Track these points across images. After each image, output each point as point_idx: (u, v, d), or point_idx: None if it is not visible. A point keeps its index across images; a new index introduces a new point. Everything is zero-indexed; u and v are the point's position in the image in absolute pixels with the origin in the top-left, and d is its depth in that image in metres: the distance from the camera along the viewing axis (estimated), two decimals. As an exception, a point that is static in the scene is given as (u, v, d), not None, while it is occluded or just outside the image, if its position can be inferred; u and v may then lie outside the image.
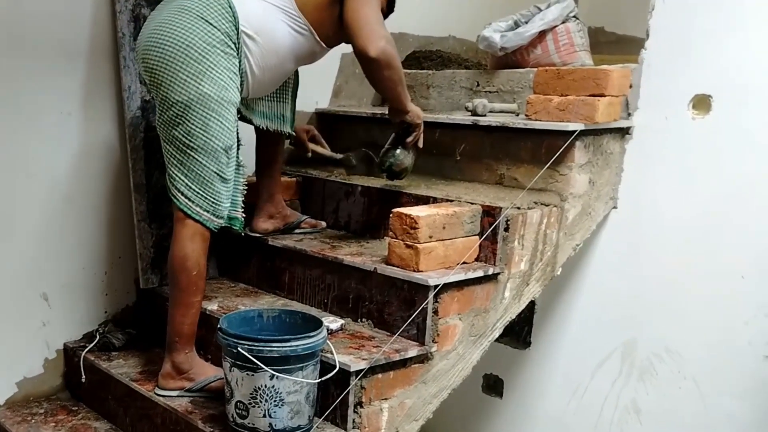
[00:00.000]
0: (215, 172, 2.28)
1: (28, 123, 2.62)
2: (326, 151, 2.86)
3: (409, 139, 2.58)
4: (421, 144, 2.63)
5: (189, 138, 2.24)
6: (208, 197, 2.29)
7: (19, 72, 2.56)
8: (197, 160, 2.26)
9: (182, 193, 2.28)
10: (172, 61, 2.22)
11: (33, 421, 2.59)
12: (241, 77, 2.32)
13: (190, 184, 2.28)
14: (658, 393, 2.80)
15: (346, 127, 3.37)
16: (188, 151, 2.26)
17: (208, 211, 2.30)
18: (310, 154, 2.81)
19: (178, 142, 2.27)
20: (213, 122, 2.24)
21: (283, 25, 2.34)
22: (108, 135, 2.81)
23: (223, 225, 2.38)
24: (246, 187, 2.47)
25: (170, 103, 2.24)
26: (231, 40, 2.25)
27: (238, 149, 2.37)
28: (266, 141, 2.75)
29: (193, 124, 2.23)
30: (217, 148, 2.26)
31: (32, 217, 2.69)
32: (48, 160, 2.69)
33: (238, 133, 2.36)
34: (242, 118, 2.54)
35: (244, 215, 2.48)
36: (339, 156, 2.81)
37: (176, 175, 2.29)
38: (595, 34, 4.01)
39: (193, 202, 2.28)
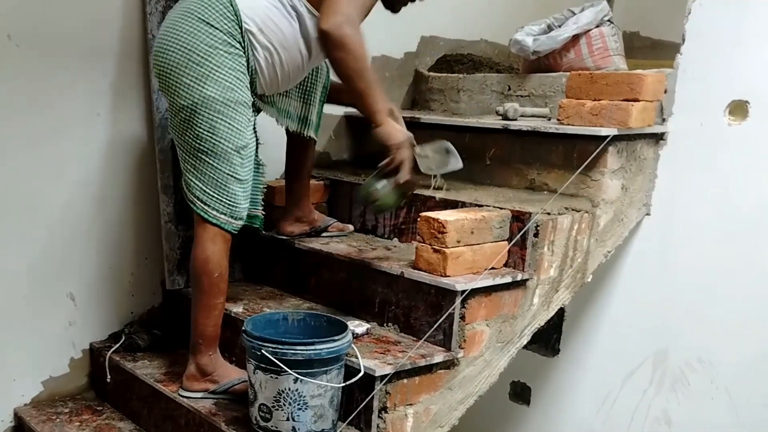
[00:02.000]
0: (229, 174, 2.29)
1: (58, 124, 2.67)
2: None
3: (381, 164, 2.29)
4: (402, 178, 2.25)
5: (198, 142, 2.27)
6: (224, 200, 2.30)
7: (50, 73, 2.61)
8: (209, 163, 2.28)
9: (198, 198, 2.30)
10: (176, 65, 2.25)
11: (58, 420, 2.63)
12: (251, 75, 2.32)
13: (204, 188, 2.29)
14: (690, 404, 2.77)
15: (375, 130, 3.38)
16: (199, 154, 2.28)
17: (225, 214, 2.31)
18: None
19: (189, 147, 2.29)
20: (220, 124, 2.25)
21: (285, 13, 2.31)
22: (136, 136, 2.85)
23: (244, 224, 2.39)
24: (266, 186, 2.48)
25: (178, 108, 2.28)
26: (235, 39, 2.25)
27: (256, 148, 2.38)
28: (295, 143, 2.76)
29: (200, 127, 2.25)
30: (227, 149, 2.27)
31: (60, 217, 2.73)
32: (77, 161, 2.73)
33: (255, 132, 2.37)
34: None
35: (264, 213, 2.50)
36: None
37: (191, 179, 2.31)
38: (630, 38, 3.98)
39: (209, 206, 2.29)
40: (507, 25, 3.66)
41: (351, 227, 2.93)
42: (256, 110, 2.43)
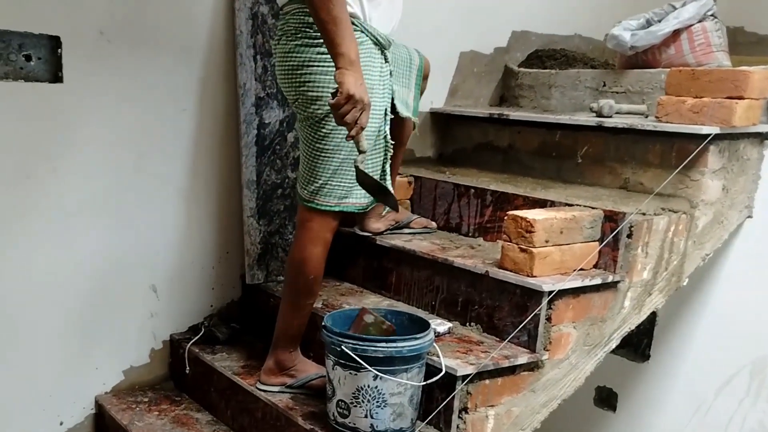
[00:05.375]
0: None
1: (146, 118, 2.76)
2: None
3: (330, 101, 2.01)
4: (352, 129, 2.02)
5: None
6: (345, 184, 2.30)
7: (139, 68, 2.71)
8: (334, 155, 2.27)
9: (314, 191, 2.30)
10: None
11: (137, 409, 2.72)
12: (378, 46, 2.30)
13: (329, 180, 2.28)
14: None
15: (460, 127, 3.40)
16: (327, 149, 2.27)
17: (347, 197, 2.31)
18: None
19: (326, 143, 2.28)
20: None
21: None
22: (221, 131, 2.93)
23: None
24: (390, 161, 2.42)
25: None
26: None
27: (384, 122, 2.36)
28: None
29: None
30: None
31: (145, 210, 2.83)
32: (162, 155, 2.82)
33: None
34: None
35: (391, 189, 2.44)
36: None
37: (315, 173, 2.30)
38: (734, 34, 3.88)
39: (330, 195, 2.29)
40: (602, 20, 3.64)
41: (434, 224, 2.95)
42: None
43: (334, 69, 2.08)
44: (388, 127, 2.37)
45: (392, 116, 2.46)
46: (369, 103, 2.03)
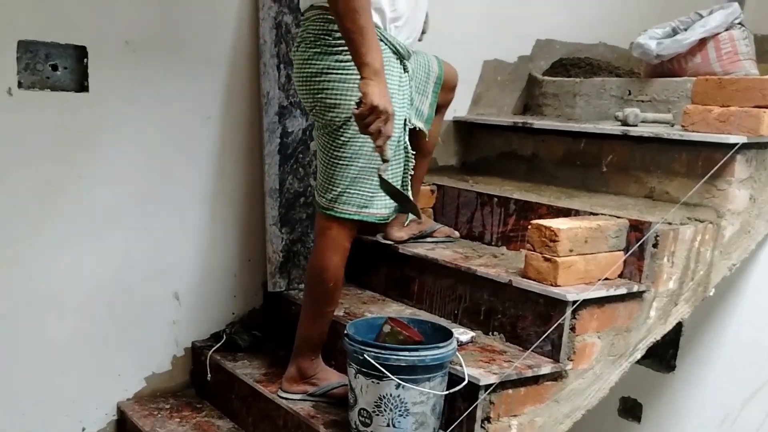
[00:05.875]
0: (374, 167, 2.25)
1: (170, 126, 2.79)
2: None
3: (354, 111, 2.02)
4: (378, 140, 2.02)
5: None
6: (364, 192, 2.29)
7: (165, 77, 2.74)
8: (355, 164, 2.27)
9: (338, 201, 2.29)
10: None
11: (159, 415, 2.74)
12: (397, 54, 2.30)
13: (349, 188, 2.28)
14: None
15: (484, 135, 3.40)
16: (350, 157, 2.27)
17: (367, 207, 2.30)
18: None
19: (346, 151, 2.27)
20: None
21: None
22: (244, 139, 2.95)
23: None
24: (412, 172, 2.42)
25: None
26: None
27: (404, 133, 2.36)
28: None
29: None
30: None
31: (169, 217, 2.85)
32: (186, 162, 2.85)
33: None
34: None
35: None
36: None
37: (331, 185, 2.30)
38: (761, 42, 3.84)
39: (351, 204, 2.28)
40: (627, 29, 3.63)
41: (457, 233, 2.94)
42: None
43: (352, 77, 2.10)
44: (407, 137, 2.36)
45: (412, 126, 2.46)
46: (393, 113, 2.03)
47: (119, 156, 2.70)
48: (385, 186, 2.11)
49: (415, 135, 2.56)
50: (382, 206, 2.32)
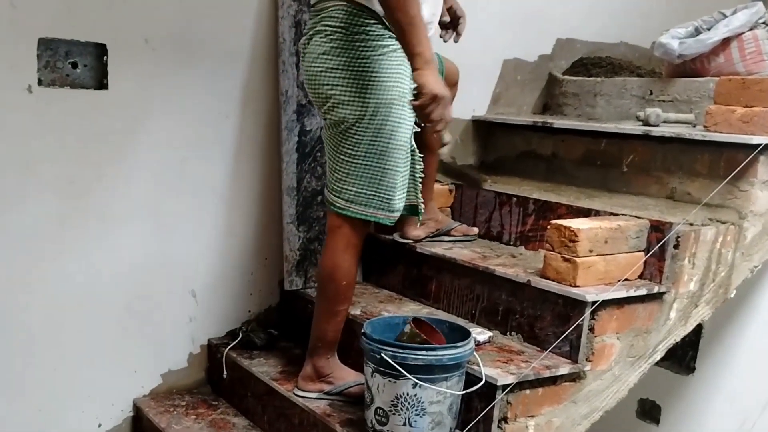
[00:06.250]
0: (392, 168, 2.26)
1: (189, 124, 2.80)
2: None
3: (414, 102, 2.08)
4: (439, 125, 2.11)
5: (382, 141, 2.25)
6: (382, 194, 2.28)
7: (184, 76, 2.75)
8: (371, 163, 2.26)
9: (351, 200, 2.29)
10: None
11: (175, 412, 2.75)
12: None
13: (361, 188, 2.27)
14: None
15: (503, 135, 3.39)
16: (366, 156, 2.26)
17: (382, 209, 2.30)
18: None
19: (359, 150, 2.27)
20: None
21: None
22: (262, 137, 2.96)
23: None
24: (423, 175, 2.44)
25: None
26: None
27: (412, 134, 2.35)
28: (419, 143, 2.77)
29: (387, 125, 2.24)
30: (399, 145, 2.26)
31: (187, 215, 2.86)
32: (205, 160, 2.85)
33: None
34: None
35: (422, 202, 2.48)
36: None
37: (346, 180, 2.29)
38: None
39: (363, 204, 2.28)
40: (649, 28, 3.61)
41: (476, 230, 2.94)
42: None
43: (368, 73, 2.09)
44: (412, 139, 2.34)
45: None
46: (449, 96, 2.08)
47: (138, 154, 2.71)
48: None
49: (419, 133, 2.55)
50: (395, 208, 2.31)
